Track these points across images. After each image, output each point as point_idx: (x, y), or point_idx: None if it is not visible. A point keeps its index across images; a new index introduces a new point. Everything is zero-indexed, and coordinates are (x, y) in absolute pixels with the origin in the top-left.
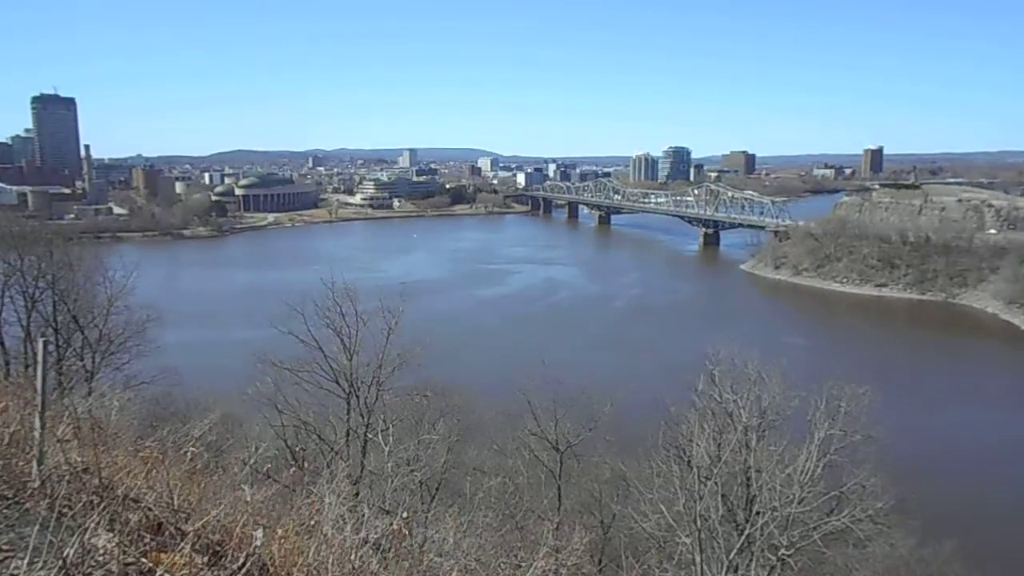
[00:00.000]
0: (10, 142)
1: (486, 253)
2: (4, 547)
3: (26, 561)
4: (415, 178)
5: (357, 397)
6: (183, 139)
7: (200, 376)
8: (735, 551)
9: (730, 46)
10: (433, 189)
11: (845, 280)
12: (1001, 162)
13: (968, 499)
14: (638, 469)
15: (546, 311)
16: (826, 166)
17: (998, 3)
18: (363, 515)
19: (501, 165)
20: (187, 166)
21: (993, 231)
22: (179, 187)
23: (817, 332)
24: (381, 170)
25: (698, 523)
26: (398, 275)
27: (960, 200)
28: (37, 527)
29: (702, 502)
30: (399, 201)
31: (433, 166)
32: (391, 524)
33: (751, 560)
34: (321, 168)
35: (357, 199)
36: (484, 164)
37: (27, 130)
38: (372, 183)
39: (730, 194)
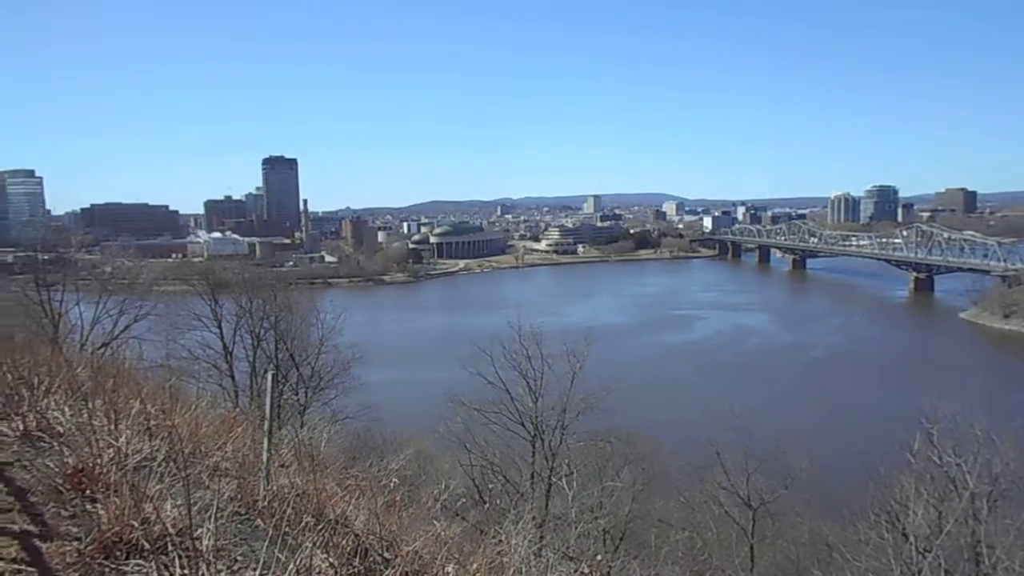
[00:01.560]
0: (244, 199)
1: (671, 298)
2: (239, 558)
3: (258, 573)
4: (599, 223)
5: (542, 440)
6: (385, 192)
7: (397, 413)
8: None
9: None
10: (617, 234)
11: None
12: None
13: None
14: (842, 534)
15: (735, 359)
16: None
17: None
18: (548, 560)
19: (687, 209)
20: (388, 217)
21: None
22: (381, 236)
23: None
24: (566, 216)
25: None
26: (583, 320)
27: None
28: (266, 543)
29: None
30: (583, 247)
31: (617, 211)
32: (576, 570)
33: None
34: (509, 216)
35: (543, 245)
36: (669, 208)
37: (257, 188)
38: (557, 229)
39: (946, 235)
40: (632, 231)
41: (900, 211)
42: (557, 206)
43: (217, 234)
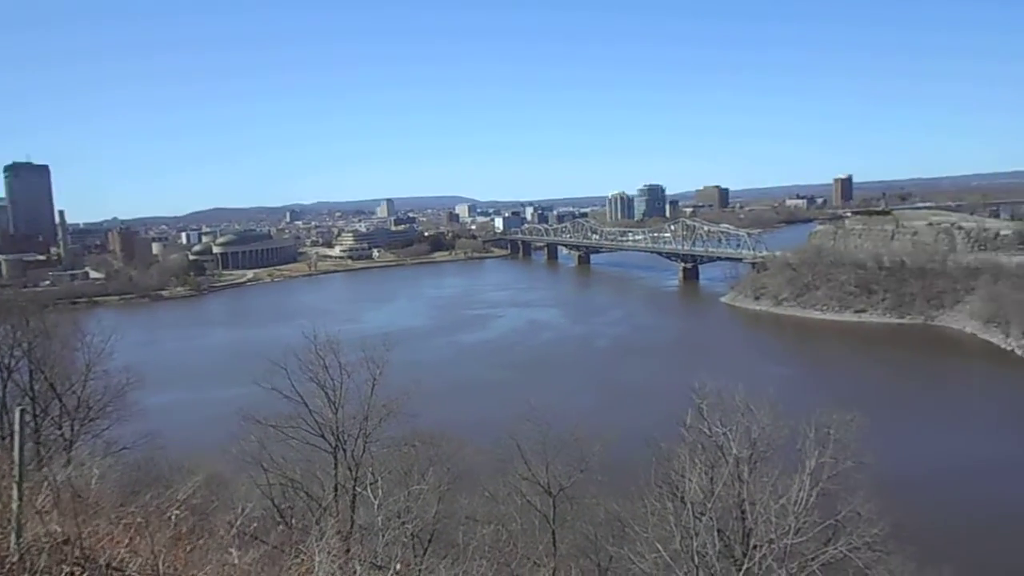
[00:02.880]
0: None
1: (467, 298)
2: None
3: None
4: (393, 227)
5: (344, 451)
6: (158, 200)
7: (183, 438)
8: None
9: (698, 76)
10: (412, 237)
11: (825, 308)
12: (966, 185)
13: (963, 520)
14: (632, 508)
15: (530, 354)
16: (798, 196)
17: (964, 19)
18: (355, 572)
19: (479, 211)
20: (163, 227)
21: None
22: (156, 248)
23: (802, 361)
24: (359, 221)
25: (695, 560)
26: (380, 325)
27: (930, 224)
28: None
29: (698, 538)
30: (378, 251)
31: (411, 215)
32: None
33: None
34: (299, 222)
35: (336, 251)
36: (462, 210)
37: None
38: (351, 235)
39: (706, 228)
40: (427, 234)
41: (668, 207)
42: (350, 211)
43: None
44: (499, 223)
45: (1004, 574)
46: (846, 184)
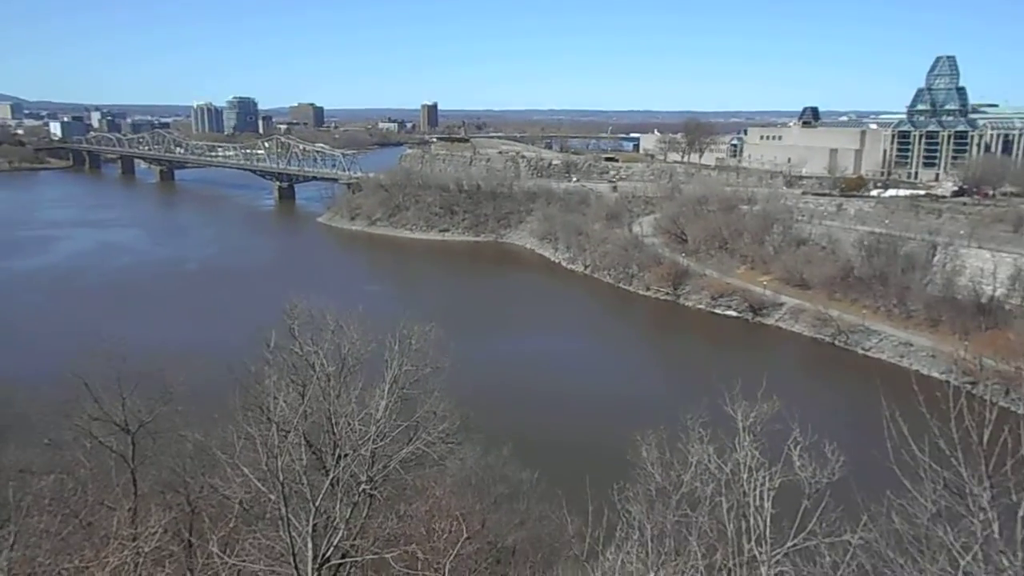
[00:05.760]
0: None
1: (20, 217)
2: None
3: None
4: None
5: None
6: None
7: None
8: (320, 496)
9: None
10: None
11: (414, 227)
12: (528, 119)
13: (519, 407)
14: (223, 436)
15: (103, 280)
16: (390, 120)
17: None
18: None
19: (27, 112)
20: None
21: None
22: None
23: (393, 278)
24: None
25: (280, 477)
26: None
27: (501, 152)
28: None
29: (285, 456)
30: None
31: None
32: None
33: (336, 501)
34: None
35: None
36: (3, 111)
37: None
38: None
39: (302, 147)
40: None
41: (261, 123)
42: None
43: None
44: (56, 128)
45: (546, 444)
46: (432, 111)
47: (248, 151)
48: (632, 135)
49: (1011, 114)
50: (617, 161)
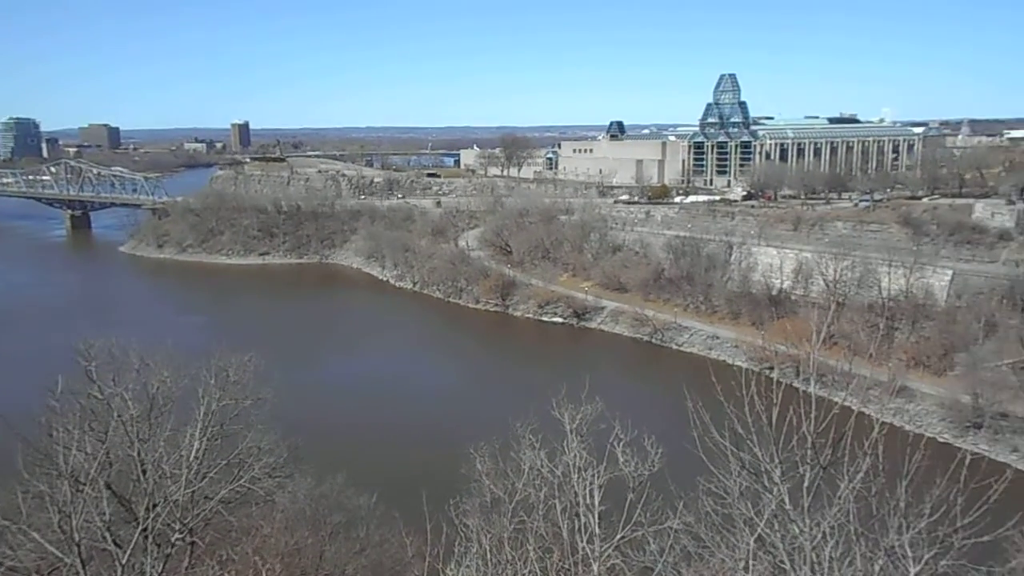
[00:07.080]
0: None
1: None
2: None
3: None
4: None
5: None
6: None
7: None
8: (128, 552)
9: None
10: None
11: (231, 252)
12: (347, 136)
13: (352, 432)
14: (9, 500)
15: None
16: (197, 140)
17: None
18: None
19: None
20: None
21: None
22: None
23: (208, 307)
24: None
25: (76, 537)
26: None
27: (320, 171)
28: None
29: (82, 513)
30: None
31: None
32: None
33: (147, 555)
34: None
35: None
36: None
37: None
38: None
39: (96, 171)
40: None
41: (45, 147)
42: None
43: None
44: None
45: (383, 467)
46: (244, 130)
47: (31, 177)
48: (452, 151)
49: (784, 125)
50: (439, 177)
